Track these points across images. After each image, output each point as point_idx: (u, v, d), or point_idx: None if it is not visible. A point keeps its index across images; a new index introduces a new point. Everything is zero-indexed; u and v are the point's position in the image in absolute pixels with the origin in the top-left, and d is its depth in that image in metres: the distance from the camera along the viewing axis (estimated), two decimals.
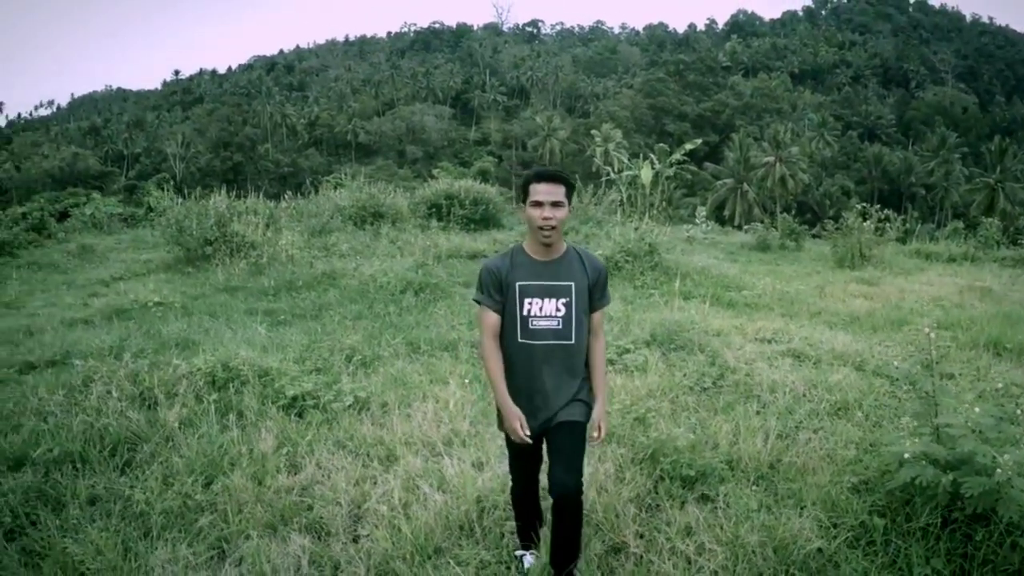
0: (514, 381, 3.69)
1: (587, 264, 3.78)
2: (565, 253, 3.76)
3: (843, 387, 7.26)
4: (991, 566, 3.90)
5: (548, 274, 3.67)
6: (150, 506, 4.58)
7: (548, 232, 3.57)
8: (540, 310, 3.64)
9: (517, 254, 3.76)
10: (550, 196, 3.55)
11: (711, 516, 4.49)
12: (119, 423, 5.81)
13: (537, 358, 3.66)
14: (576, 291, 3.67)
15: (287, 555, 3.97)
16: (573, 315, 3.67)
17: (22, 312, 13.22)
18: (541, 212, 3.54)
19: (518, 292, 3.64)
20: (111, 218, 30.17)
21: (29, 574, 3.87)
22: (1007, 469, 3.87)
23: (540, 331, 3.65)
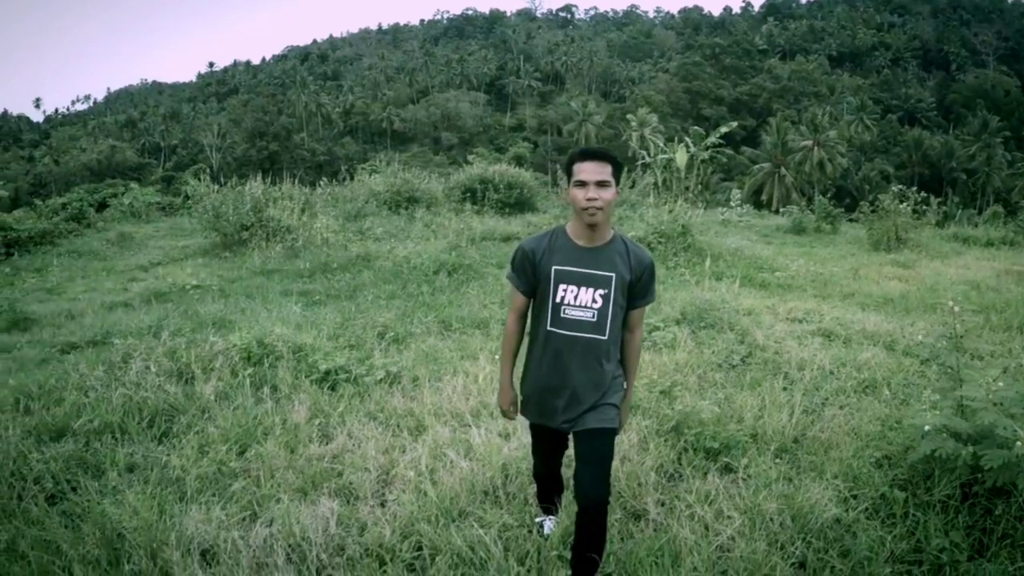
0: (541, 370, 3.53)
1: (632, 256, 3.48)
2: (611, 241, 3.48)
3: (872, 366, 7.26)
4: (1010, 540, 3.92)
5: (588, 261, 3.41)
6: (186, 472, 4.75)
7: (594, 212, 3.30)
8: (575, 299, 3.41)
9: (558, 236, 3.51)
10: (596, 175, 3.28)
11: (731, 486, 4.56)
12: (157, 396, 5.99)
13: (566, 350, 3.44)
14: (616, 283, 3.41)
15: (316, 516, 4.09)
16: (610, 309, 3.42)
17: (63, 297, 13.54)
18: (586, 193, 3.29)
19: (553, 277, 3.42)
20: (149, 207, 30.56)
21: (69, 535, 4.01)
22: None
23: (572, 321, 3.42)
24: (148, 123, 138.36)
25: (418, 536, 3.97)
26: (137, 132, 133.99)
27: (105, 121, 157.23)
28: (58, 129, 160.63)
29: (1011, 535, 3.93)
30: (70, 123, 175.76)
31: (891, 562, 3.78)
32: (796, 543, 3.90)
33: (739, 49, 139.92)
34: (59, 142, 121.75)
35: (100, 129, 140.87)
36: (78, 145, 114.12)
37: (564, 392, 3.48)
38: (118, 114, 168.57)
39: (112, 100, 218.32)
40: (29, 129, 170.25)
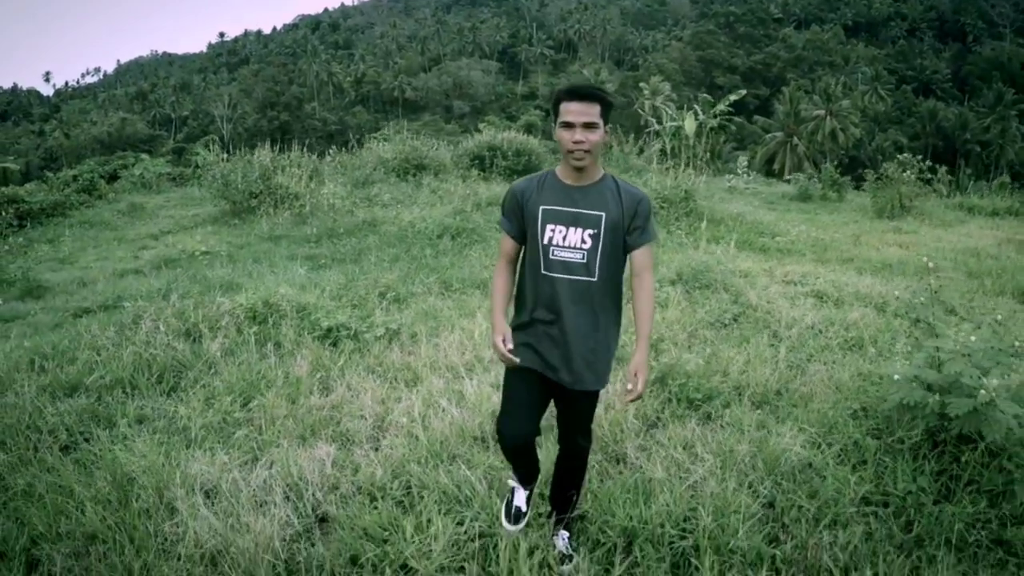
0: (536, 318, 3.35)
1: (623, 193, 3.31)
2: (600, 180, 3.33)
3: (860, 325, 7.43)
4: (975, 486, 4.09)
5: (577, 200, 3.27)
6: (192, 421, 5.00)
7: (581, 156, 3.17)
8: (563, 239, 3.26)
9: (547, 177, 3.38)
10: (582, 116, 3.12)
11: (708, 432, 4.78)
12: (166, 353, 6.24)
13: (560, 295, 3.28)
14: (607, 223, 3.24)
15: (313, 459, 4.34)
16: (599, 249, 3.25)
17: (75, 266, 13.82)
18: (572, 135, 3.14)
19: (541, 217, 3.28)
20: (159, 178, 30.76)
21: (82, 479, 4.25)
22: (991, 391, 4.07)
23: (561, 263, 3.27)
24: (158, 95, 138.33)
25: (408, 476, 4.21)
26: (148, 104, 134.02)
27: (115, 93, 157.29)
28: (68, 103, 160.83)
29: (976, 481, 4.10)
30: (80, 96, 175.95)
31: (858, 504, 3.98)
32: (766, 483, 4.11)
33: (754, 17, 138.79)
34: (69, 115, 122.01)
35: (110, 102, 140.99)
36: (88, 118, 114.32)
37: (559, 337, 3.31)
38: (128, 86, 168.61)
39: (122, 72, 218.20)
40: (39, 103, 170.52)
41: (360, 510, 3.87)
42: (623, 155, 22.45)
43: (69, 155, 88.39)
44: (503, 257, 3.50)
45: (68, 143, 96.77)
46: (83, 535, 3.70)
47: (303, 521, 3.82)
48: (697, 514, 3.72)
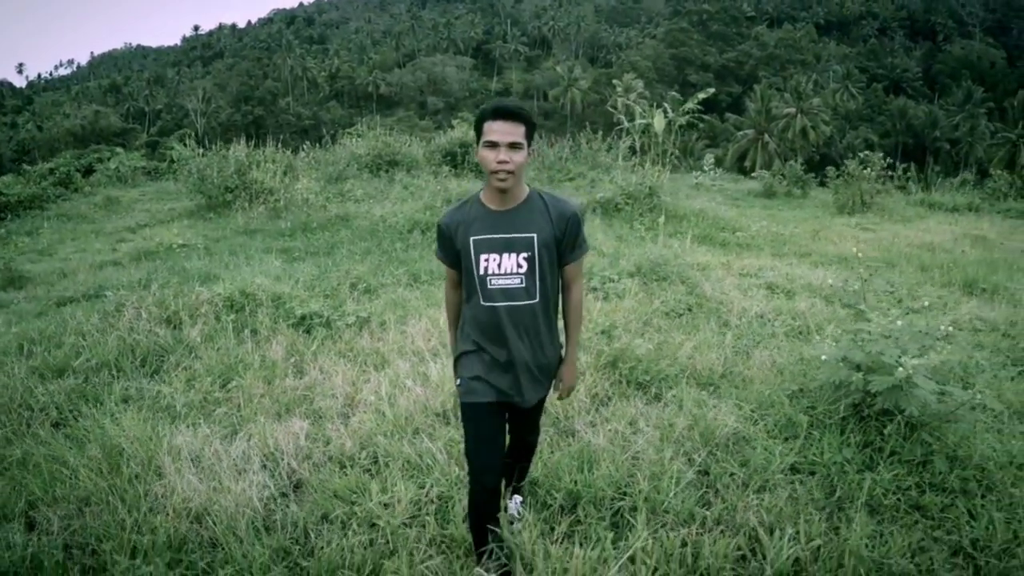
0: (487, 349, 3.34)
1: (552, 211, 3.27)
2: (526, 200, 3.28)
3: (808, 314, 7.87)
4: (897, 457, 4.50)
5: (505, 225, 3.22)
6: (175, 399, 5.36)
7: (504, 177, 3.10)
8: (499, 267, 3.22)
9: (473, 205, 3.32)
10: (507, 136, 3.06)
11: (651, 409, 5.19)
12: (148, 339, 6.60)
13: (503, 323, 3.26)
14: (539, 243, 3.21)
15: (288, 433, 4.72)
16: (537, 271, 3.23)
17: (55, 258, 14.09)
18: (496, 155, 3.07)
19: (473, 248, 3.23)
20: (135, 172, 30.95)
21: (75, 453, 4.59)
22: (908, 368, 4.50)
23: (500, 291, 3.24)
24: (132, 88, 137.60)
25: (375, 447, 4.60)
26: (121, 97, 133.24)
27: (89, 86, 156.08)
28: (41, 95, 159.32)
29: (898, 452, 4.52)
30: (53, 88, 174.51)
31: (787, 472, 4.40)
32: (701, 453, 4.52)
33: (727, 16, 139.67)
34: (42, 108, 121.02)
35: (84, 94, 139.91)
36: (62, 111, 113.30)
37: (508, 364, 3.32)
38: (102, 79, 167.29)
39: (96, 65, 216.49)
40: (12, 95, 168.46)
41: (331, 476, 4.26)
42: (591, 152, 22.80)
43: (42, 148, 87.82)
44: (450, 282, 3.55)
45: (41, 136, 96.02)
46: (77, 498, 4.04)
47: (279, 486, 4.20)
48: (635, 479, 4.13)
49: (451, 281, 3.54)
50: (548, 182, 19.82)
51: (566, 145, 23.72)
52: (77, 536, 3.69)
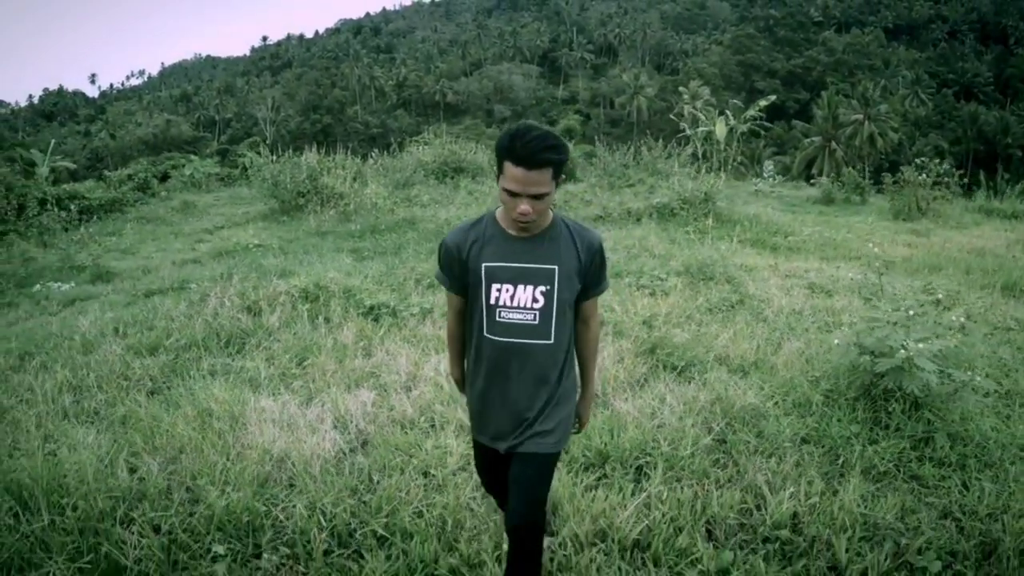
0: (481, 386, 3.06)
1: (578, 240, 2.95)
2: (550, 227, 2.93)
3: (844, 311, 8.31)
4: (900, 433, 4.96)
5: (524, 254, 2.89)
6: (258, 373, 6.06)
7: (525, 225, 2.82)
8: (512, 299, 2.89)
9: (487, 226, 2.96)
10: (529, 188, 2.68)
11: (681, 388, 5.74)
12: (231, 323, 7.37)
13: (507, 361, 2.95)
14: (561, 276, 2.89)
15: (357, 401, 5.37)
16: (555, 308, 2.91)
17: (138, 256, 15.11)
18: (516, 204, 2.74)
19: (484, 275, 2.89)
20: (208, 178, 32.36)
21: (170, 414, 5.29)
22: (911, 351, 4.98)
23: (510, 326, 2.91)
24: (202, 97, 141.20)
25: (432, 413, 5.24)
26: (192, 106, 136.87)
27: (160, 95, 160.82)
28: (113, 104, 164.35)
29: (901, 428, 5.00)
30: (125, 98, 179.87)
31: (797, 443, 4.90)
32: (720, 423, 5.06)
33: (794, 21, 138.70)
34: (115, 117, 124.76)
35: (155, 103, 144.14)
36: (134, 119, 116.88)
37: (508, 409, 3.01)
38: (172, 88, 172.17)
39: (166, 75, 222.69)
40: (85, 104, 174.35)
41: (393, 434, 4.89)
42: (652, 159, 23.31)
43: (115, 156, 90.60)
44: (452, 311, 3.21)
45: (114, 144, 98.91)
46: (173, 448, 4.72)
47: (348, 442, 4.85)
48: (658, 442, 4.70)
49: (456, 310, 3.17)
50: (609, 188, 20.37)
51: (628, 152, 24.25)
52: (175, 477, 4.36)
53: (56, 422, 5.24)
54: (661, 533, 3.74)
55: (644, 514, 3.92)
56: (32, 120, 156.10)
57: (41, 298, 11.16)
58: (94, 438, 4.79)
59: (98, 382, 6.09)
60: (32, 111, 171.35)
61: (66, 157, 75.32)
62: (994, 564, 3.67)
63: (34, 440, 4.74)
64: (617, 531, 3.76)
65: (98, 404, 5.68)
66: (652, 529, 3.79)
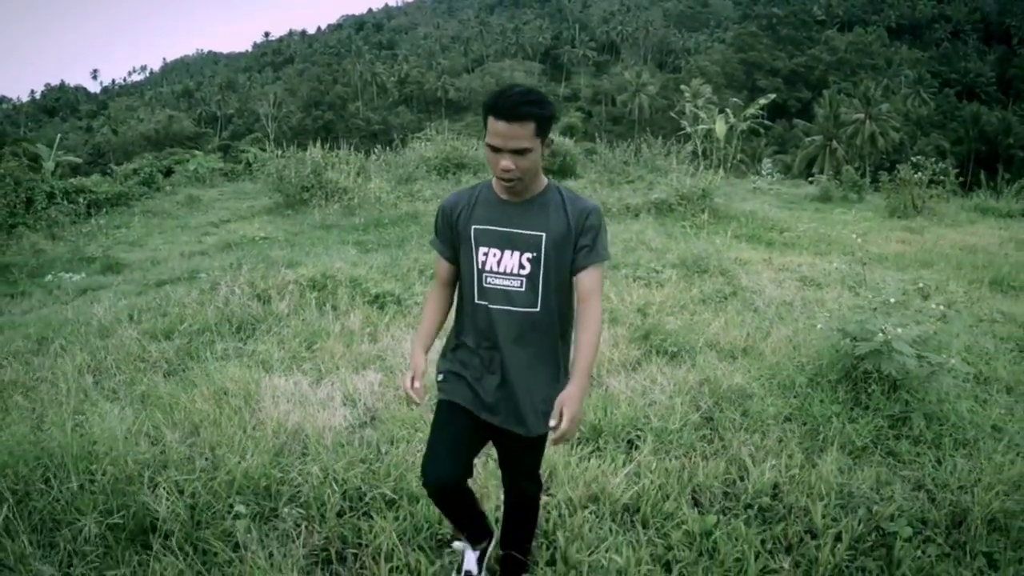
0: (469, 351, 3.00)
1: (569, 205, 2.85)
2: (542, 193, 2.88)
3: (833, 302, 8.60)
4: (880, 412, 5.24)
5: (513, 219, 2.84)
6: (269, 355, 6.36)
7: (510, 184, 2.75)
8: (498, 264, 2.84)
9: (482, 191, 2.96)
10: (511, 141, 2.63)
11: (671, 369, 6.03)
12: (242, 310, 7.67)
13: (497, 328, 2.87)
14: (548, 243, 2.80)
15: (365, 381, 5.67)
16: (541, 274, 2.82)
17: (146, 248, 15.43)
18: (498, 159, 2.68)
19: (473, 238, 2.87)
20: (212, 173, 32.73)
21: (188, 393, 5.58)
22: (888, 335, 5.27)
23: (496, 292, 2.85)
24: (204, 93, 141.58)
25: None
26: (193, 102, 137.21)
27: (162, 91, 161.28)
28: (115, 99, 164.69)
29: (879, 408, 5.29)
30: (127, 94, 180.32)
31: (780, 421, 5.19)
32: (708, 402, 5.36)
33: (796, 19, 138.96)
34: (116, 112, 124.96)
35: (157, 99, 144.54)
36: (136, 115, 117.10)
37: (498, 375, 2.92)
38: (174, 84, 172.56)
39: (168, 70, 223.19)
40: (87, 100, 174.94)
41: (399, 410, 5.18)
42: (651, 156, 23.65)
43: (117, 151, 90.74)
44: (437, 280, 3.15)
45: (116, 139, 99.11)
46: (191, 422, 5.00)
47: (357, 418, 5.14)
48: (648, 418, 4.99)
49: (441, 280, 3.12)
50: (609, 184, 20.69)
51: (628, 149, 24.58)
52: (195, 448, 4.65)
53: (78, 400, 5.52)
54: (650, 499, 4.02)
55: (634, 481, 4.21)
56: (34, 115, 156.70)
57: (53, 287, 11.49)
58: (119, 411, 5.07)
59: (116, 364, 6.39)
60: (34, 106, 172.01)
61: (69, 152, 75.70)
62: (963, 532, 3.93)
63: (64, 412, 5.03)
64: (609, 496, 4.05)
65: (117, 384, 5.96)
66: (641, 495, 4.07)
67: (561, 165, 24.69)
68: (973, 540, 3.84)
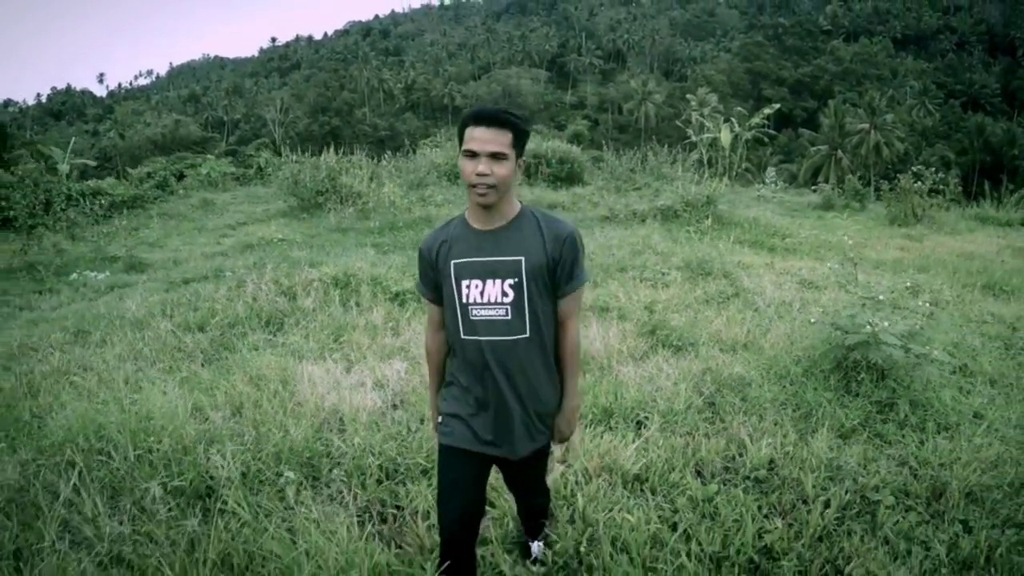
0: (469, 392, 2.98)
1: (546, 231, 2.88)
2: (516, 218, 2.90)
3: (830, 302, 9.01)
4: (868, 399, 5.68)
5: (489, 247, 2.86)
6: (300, 345, 6.81)
7: (484, 192, 2.74)
8: (482, 295, 2.85)
9: (456, 225, 2.99)
10: (488, 145, 2.70)
11: (676, 361, 6.47)
12: (270, 305, 8.15)
13: (488, 360, 2.88)
14: (528, 268, 2.83)
15: (392, 369, 6.11)
16: (526, 299, 2.84)
17: (166, 249, 15.91)
18: (475, 165, 2.72)
19: (453, 273, 2.88)
20: (224, 177, 33.22)
21: (226, 380, 6.01)
22: (875, 327, 5.71)
23: (484, 323, 2.86)
24: (211, 98, 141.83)
25: None
26: (200, 107, 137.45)
27: (168, 96, 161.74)
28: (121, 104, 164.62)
29: (868, 395, 5.72)
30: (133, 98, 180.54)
31: (776, 406, 5.61)
32: (710, 388, 5.79)
33: (802, 29, 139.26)
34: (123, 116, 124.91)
35: (163, 104, 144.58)
36: (142, 119, 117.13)
37: (489, 410, 2.95)
38: (180, 89, 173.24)
39: (175, 75, 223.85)
40: (93, 104, 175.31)
41: (425, 394, 5.60)
42: (657, 164, 24.11)
43: (123, 155, 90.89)
44: (432, 326, 3.17)
45: (123, 143, 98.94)
46: (233, 404, 5.44)
47: (387, 402, 5.58)
48: (655, 402, 5.43)
49: (433, 323, 3.15)
50: (616, 191, 21.14)
51: (635, 157, 25.05)
52: (239, 425, 5.08)
53: (125, 384, 5.96)
54: (657, 470, 4.46)
55: (643, 454, 4.64)
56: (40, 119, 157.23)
57: (79, 285, 11.96)
58: (170, 391, 5.50)
59: (155, 353, 6.84)
60: (40, 109, 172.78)
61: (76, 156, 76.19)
62: (942, 503, 4.34)
63: (118, 393, 5.47)
64: (620, 467, 4.49)
65: (157, 372, 6.40)
66: (649, 467, 4.51)
67: (568, 172, 25.12)
68: (951, 510, 4.23)
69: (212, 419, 5.12)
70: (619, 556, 3.65)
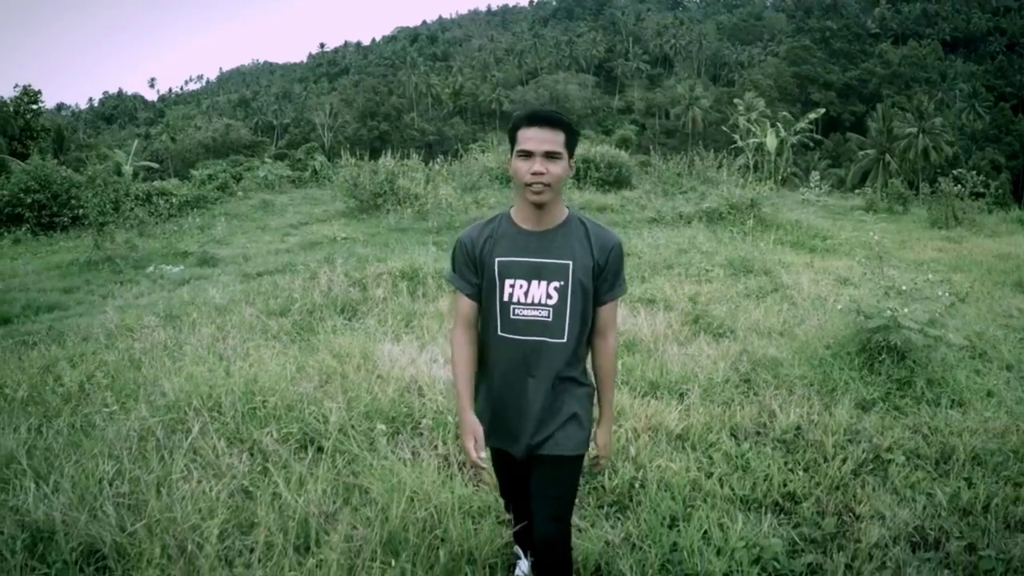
0: (493, 387, 2.99)
1: (593, 239, 2.89)
2: (565, 222, 2.91)
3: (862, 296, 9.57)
4: (888, 377, 6.30)
5: (538, 248, 2.85)
6: (375, 328, 7.58)
7: (540, 190, 2.75)
8: (525, 295, 2.84)
9: (501, 222, 2.96)
10: (543, 145, 2.72)
11: (716, 344, 7.15)
12: (344, 294, 8.95)
13: (521, 360, 2.87)
14: (575, 272, 2.83)
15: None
16: (568, 305, 2.84)
17: (233, 246, 16.80)
18: (530, 165, 2.73)
19: (497, 270, 2.86)
20: (281, 179, 34.42)
21: (312, 357, 6.77)
22: (895, 312, 6.34)
23: (525, 323, 2.84)
24: (260, 102, 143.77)
25: None
26: (250, 111, 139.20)
27: (218, 100, 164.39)
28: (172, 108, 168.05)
29: (889, 374, 6.34)
30: (184, 102, 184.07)
31: (804, 381, 6.25)
32: (746, 367, 6.46)
33: (850, 33, 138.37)
34: (174, 120, 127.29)
35: (213, 108, 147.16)
36: (193, 123, 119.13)
37: (522, 410, 2.91)
38: (230, 93, 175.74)
39: (224, 80, 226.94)
40: (144, 108, 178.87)
41: None
42: (703, 168, 24.69)
43: (175, 158, 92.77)
44: (460, 321, 3.05)
45: (174, 147, 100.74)
46: (321, 376, 6.19)
47: None
48: (696, 376, 6.11)
49: (465, 319, 3.04)
50: (663, 195, 21.78)
51: (682, 162, 25.67)
52: (328, 392, 5.81)
53: (222, 357, 6.73)
54: (697, 431, 5.14)
55: (684, 418, 5.33)
56: (92, 122, 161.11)
57: (156, 277, 12.89)
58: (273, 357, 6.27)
59: (242, 334, 7.63)
60: (92, 114, 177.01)
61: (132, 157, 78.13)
62: (950, 464, 4.95)
63: (226, 361, 6.27)
64: (665, 426, 5.17)
65: (247, 350, 7.18)
66: (690, 428, 5.18)
67: (616, 176, 25.81)
68: (958, 469, 4.82)
69: (304, 388, 5.86)
70: (663, 494, 4.33)
